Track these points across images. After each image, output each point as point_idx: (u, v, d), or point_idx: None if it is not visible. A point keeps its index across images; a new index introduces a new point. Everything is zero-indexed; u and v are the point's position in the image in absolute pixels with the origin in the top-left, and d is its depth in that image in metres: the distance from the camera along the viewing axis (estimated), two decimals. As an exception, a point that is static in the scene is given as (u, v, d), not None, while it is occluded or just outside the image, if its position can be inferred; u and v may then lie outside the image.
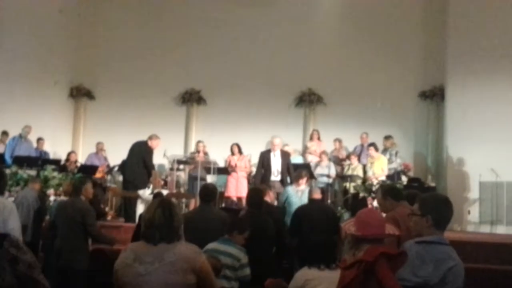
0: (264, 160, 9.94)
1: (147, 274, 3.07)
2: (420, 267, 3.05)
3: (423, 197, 3.39)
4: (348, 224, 3.22)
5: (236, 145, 11.97)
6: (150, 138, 10.35)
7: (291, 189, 8.47)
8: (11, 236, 3.04)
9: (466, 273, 3.14)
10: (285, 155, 10.01)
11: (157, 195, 7.68)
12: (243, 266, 4.81)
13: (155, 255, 3.09)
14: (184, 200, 11.84)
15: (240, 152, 11.91)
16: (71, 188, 6.66)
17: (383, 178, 10.67)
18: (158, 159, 12.27)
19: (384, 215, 5.09)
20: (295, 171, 9.64)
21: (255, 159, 12.44)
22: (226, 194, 11.51)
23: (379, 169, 10.90)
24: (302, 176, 8.47)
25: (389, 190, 5.20)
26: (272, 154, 9.94)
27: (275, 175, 9.80)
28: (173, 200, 11.42)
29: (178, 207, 3.38)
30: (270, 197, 7.25)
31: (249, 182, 11.53)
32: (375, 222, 3.17)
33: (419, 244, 3.15)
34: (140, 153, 10.20)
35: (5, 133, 11.51)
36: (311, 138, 12.98)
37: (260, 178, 9.87)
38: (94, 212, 6.31)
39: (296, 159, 11.97)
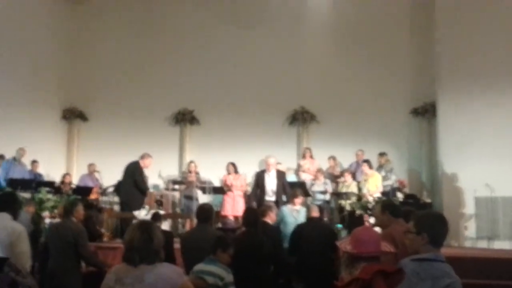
0: (259, 180, 9.85)
1: None
2: (417, 285, 3.03)
3: (419, 215, 3.38)
4: (344, 243, 3.24)
5: (232, 164, 11.96)
6: (142, 157, 10.38)
7: (286, 209, 8.40)
8: (11, 260, 3.06)
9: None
10: (280, 175, 9.92)
11: (155, 216, 7.65)
12: (227, 285, 4.78)
13: (135, 276, 3.12)
14: (180, 220, 11.80)
15: (236, 171, 11.90)
16: (62, 210, 6.63)
17: (378, 195, 10.66)
18: (153, 179, 12.26)
19: (379, 231, 5.10)
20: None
21: (249, 178, 12.49)
22: (223, 213, 11.46)
23: (374, 186, 10.91)
24: (297, 195, 8.43)
25: (389, 205, 5.23)
26: (266, 174, 9.83)
27: (270, 195, 9.67)
28: (169, 220, 11.42)
29: (158, 228, 3.39)
30: (271, 218, 7.23)
31: (245, 201, 11.51)
32: (371, 239, 3.19)
33: (415, 261, 3.13)
34: (131, 173, 10.18)
35: (0, 157, 11.46)
36: (304, 156, 12.97)
37: (254, 199, 9.81)
38: (86, 234, 6.27)
39: (290, 177, 11.96)
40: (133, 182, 10.13)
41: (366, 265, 3.03)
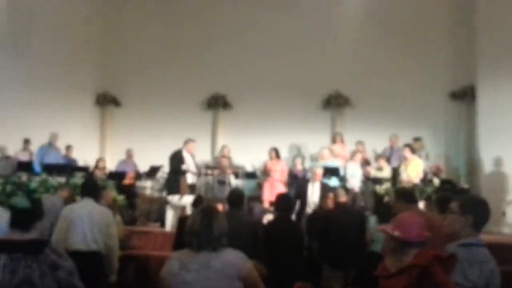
0: (301, 190, 9.18)
1: (194, 282, 3.08)
2: (469, 271, 3.05)
3: (464, 197, 3.48)
4: (388, 228, 3.15)
5: (274, 149, 11.81)
6: (185, 143, 10.41)
7: None
8: (52, 243, 3.15)
9: (504, 276, 3.19)
10: (324, 188, 9.14)
11: (197, 200, 7.62)
12: None
13: (201, 262, 3.10)
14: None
15: (277, 156, 11.77)
16: None
17: (418, 181, 10.29)
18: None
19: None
20: (326, 175, 9.38)
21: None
22: (263, 198, 11.43)
23: (414, 171, 10.41)
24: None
25: (403, 193, 5.42)
26: (310, 185, 9.20)
27: (311, 208, 8.96)
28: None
29: (221, 214, 3.34)
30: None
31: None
32: (418, 224, 3.12)
33: (462, 247, 3.13)
34: (170, 163, 10.29)
35: (27, 141, 11.62)
36: (334, 141, 12.67)
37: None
38: (113, 218, 6.33)
39: (332, 163, 11.66)
40: (172, 171, 10.22)
41: (420, 251, 2.98)
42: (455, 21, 13.15)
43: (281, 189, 11.06)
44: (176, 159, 10.19)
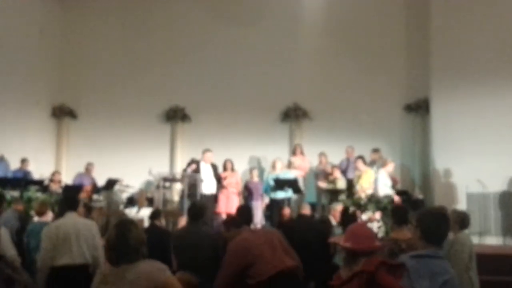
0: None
1: None
2: (417, 281, 3.09)
3: (421, 211, 3.52)
4: (340, 240, 3.25)
5: (229, 161, 11.89)
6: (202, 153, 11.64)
7: None
8: (7, 257, 3.12)
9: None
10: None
11: (155, 213, 7.53)
12: None
13: (117, 275, 3.17)
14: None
15: (232, 168, 11.83)
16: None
17: (371, 191, 10.54)
18: (144, 177, 12.19)
19: None
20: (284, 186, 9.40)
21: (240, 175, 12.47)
22: (217, 210, 11.41)
23: (367, 182, 10.74)
24: None
25: (231, 220, 5.58)
26: None
27: None
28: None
29: (137, 226, 3.38)
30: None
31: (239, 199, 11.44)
32: (368, 235, 3.23)
33: (413, 258, 3.20)
34: None
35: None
36: (294, 153, 12.81)
37: None
38: None
39: (286, 174, 11.76)
40: None
41: (367, 259, 3.06)
42: (410, 36, 13.47)
43: (236, 201, 11.20)
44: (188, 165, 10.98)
